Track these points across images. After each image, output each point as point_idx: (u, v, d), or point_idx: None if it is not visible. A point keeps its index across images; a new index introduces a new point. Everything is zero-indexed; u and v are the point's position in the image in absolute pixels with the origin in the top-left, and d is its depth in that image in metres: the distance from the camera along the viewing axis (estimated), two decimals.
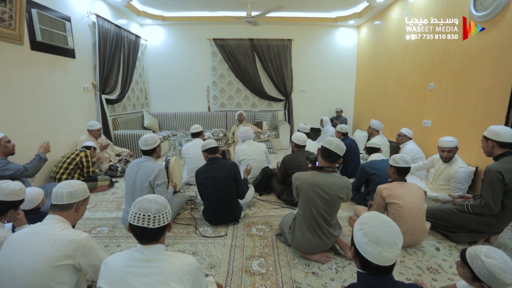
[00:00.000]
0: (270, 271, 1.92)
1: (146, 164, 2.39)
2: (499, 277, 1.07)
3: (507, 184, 1.91)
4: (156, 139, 2.46)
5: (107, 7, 4.75)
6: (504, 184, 1.92)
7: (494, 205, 1.96)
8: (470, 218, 2.14)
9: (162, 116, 6.36)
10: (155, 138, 2.46)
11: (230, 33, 6.20)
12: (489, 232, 2.15)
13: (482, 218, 2.08)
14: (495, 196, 1.95)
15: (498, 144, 2.02)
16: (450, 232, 2.28)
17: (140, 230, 1.07)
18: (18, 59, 3.00)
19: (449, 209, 2.28)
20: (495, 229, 2.13)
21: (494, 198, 1.95)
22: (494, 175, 1.93)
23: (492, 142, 2.05)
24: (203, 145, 2.62)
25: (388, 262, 0.96)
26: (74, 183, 1.42)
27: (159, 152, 2.54)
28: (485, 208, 2.01)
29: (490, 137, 2.06)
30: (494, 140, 2.03)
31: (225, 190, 2.47)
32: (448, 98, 3.51)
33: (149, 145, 2.41)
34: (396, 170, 2.20)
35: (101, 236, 2.39)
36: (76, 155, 3.31)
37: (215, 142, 2.65)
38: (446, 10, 3.52)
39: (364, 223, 1.02)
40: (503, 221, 2.07)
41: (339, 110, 6.32)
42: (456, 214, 2.22)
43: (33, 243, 1.22)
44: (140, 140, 2.44)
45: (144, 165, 2.39)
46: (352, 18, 5.86)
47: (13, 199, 1.51)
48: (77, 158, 3.29)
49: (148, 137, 2.43)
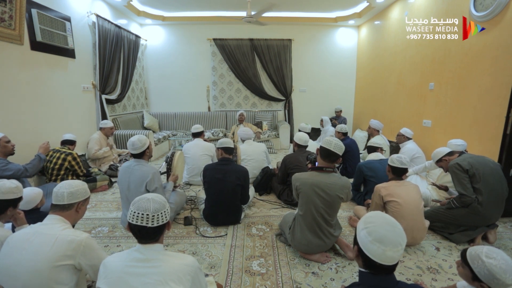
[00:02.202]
0: (270, 271, 1.92)
1: (138, 168, 2.27)
2: (500, 278, 1.07)
3: (467, 169, 2.21)
4: (144, 141, 2.30)
5: (107, 7, 4.75)
6: (465, 170, 2.21)
7: (467, 191, 2.19)
8: (459, 212, 2.27)
9: (162, 116, 6.36)
10: (143, 140, 2.30)
11: (230, 33, 6.20)
12: (481, 223, 2.23)
13: (469, 208, 2.22)
14: (463, 184, 2.21)
15: (449, 155, 2.48)
16: (449, 233, 2.33)
17: (139, 229, 1.07)
18: (18, 59, 3.00)
19: (441, 209, 2.41)
20: (485, 219, 2.22)
21: (463, 186, 2.21)
22: (454, 168, 2.27)
23: (445, 159, 2.49)
24: (222, 142, 2.59)
25: (392, 262, 0.96)
26: (75, 183, 1.42)
27: (149, 153, 2.41)
28: (462, 198, 2.21)
29: (442, 158, 2.49)
30: (444, 158, 2.48)
31: (231, 194, 2.46)
32: (448, 98, 3.51)
33: (137, 149, 2.27)
34: (392, 169, 2.22)
35: (101, 236, 2.39)
36: (63, 159, 3.10)
37: (232, 143, 2.64)
38: (446, 10, 3.52)
39: (368, 222, 1.02)
40: (488, 208, 2.19)
41: (338, 110, 6.32)
42: (447, 212, 2.35)
43: (33, 243, 1.22)
44: (128, 143, 2.28)
45: (136, 169, 2.27)
46: (352, 18, 5.86)
47: (11, 197, 1.51)
48: (65, 164, 3.10)
49: (135, 141, 2.26)
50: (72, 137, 3.37)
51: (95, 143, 3.78)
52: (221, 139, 2.66)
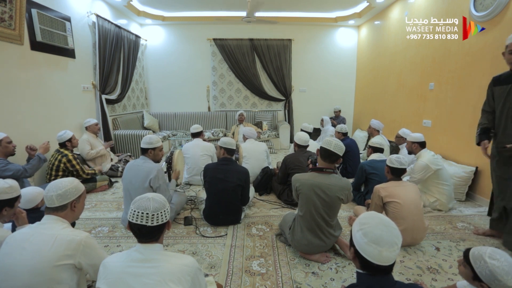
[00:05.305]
0: (270, 271, 1.92)
1: (144, 165, 2.36)
2: (501, 279, 1.07)
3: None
4: (158, 140, 2.45)
5: (107, 7, 4.75)
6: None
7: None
8: None
9: (162, 116, 6.36)
10: (158, 139, 2.45)
11: (230, 33, 6.20)
12: None
13: None
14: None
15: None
16: None
17: (139, 228, 1.07)
18: (18, 59, 3.00)
19: None
20: None
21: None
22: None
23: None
24: (226, 142, 2.59)
25: (388, 262, 0.96)
26: (62, 183, 1.36)
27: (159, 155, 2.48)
28: None
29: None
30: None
31: (231, 194, 2.46)
32: (448, 98, 3.51)
33: (153, 143, 2.40)
34: (391, 170, 2.22)
35: (101, 236, 2.39)
36: (59, 161, 3.10)
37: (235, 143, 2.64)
38: (446, 10, 3.52)
39: (363, 224, 1.02)
40: None
41: (337, 110, 6.32)
42: None
43: (33, 243, 1.22)
44: (143, 138, 2.41)
45: (141, 166, 2.35)
46: (352, 18, 5.86)
47: (4, 197, 1.48)
48: (61, 165, 3.10)
49: (153, 136, 2.44)
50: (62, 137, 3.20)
51: (86, 144, 3.70)
52: (224, 138, 2.64)
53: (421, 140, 2.88)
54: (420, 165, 2.76)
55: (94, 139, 3.86)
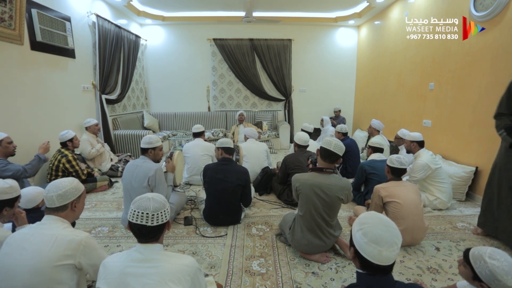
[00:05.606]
0: (270, 271, 1.92)
1: (143, 164, 2.36)
2: (501, 279, 1.07)
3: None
4: (158, 140, 2.46)
5: (107, 7, 4.75)
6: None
7: None
8: None
9: (162, 116, 6.36)
10: (157, 139, 2.46)
11: (230, 33, 6.20)
12: None
13: None
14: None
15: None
16: None
17: (139, 228, 1.07)
18: (18, 59, 3.00)
19: None
20: None
21: None
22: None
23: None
24: (222, 142, 2.61)
25: (388, 262, 0.96)
26: (62, 184, 1.36)
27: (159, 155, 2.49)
28: None
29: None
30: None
31: (231, 194, 2.46)
32: (448, 98, 3.51)
33: (152, 143, 2.41)
34: (391, 170, 2.23)
35: (101, 236, 2.39)
36: (58, 161, 3.12)
37: (232, 143, 2.64)
38: (446, 10, 3.52)
39: (363, 223, 1.02)
40: None
41: (337, 110, 6.32)
42: None
43: (33, 243, 1.22)
44: (143, 138, 2.42)
45: (141, 165, 2.36)
46: (352, 18, 5.86)
47: (4, 197, 1.47)
48: (60, 165, 3.11)
49: (153, 136, 2.46)
50: (64, 137, 3.22)
51: (87, 144, 3.73)
52: (220, 139, 2.66)
53: (419, 139, 2.88)
54: (419, 165, 2.76)
55: (94, 139, 3.87)
